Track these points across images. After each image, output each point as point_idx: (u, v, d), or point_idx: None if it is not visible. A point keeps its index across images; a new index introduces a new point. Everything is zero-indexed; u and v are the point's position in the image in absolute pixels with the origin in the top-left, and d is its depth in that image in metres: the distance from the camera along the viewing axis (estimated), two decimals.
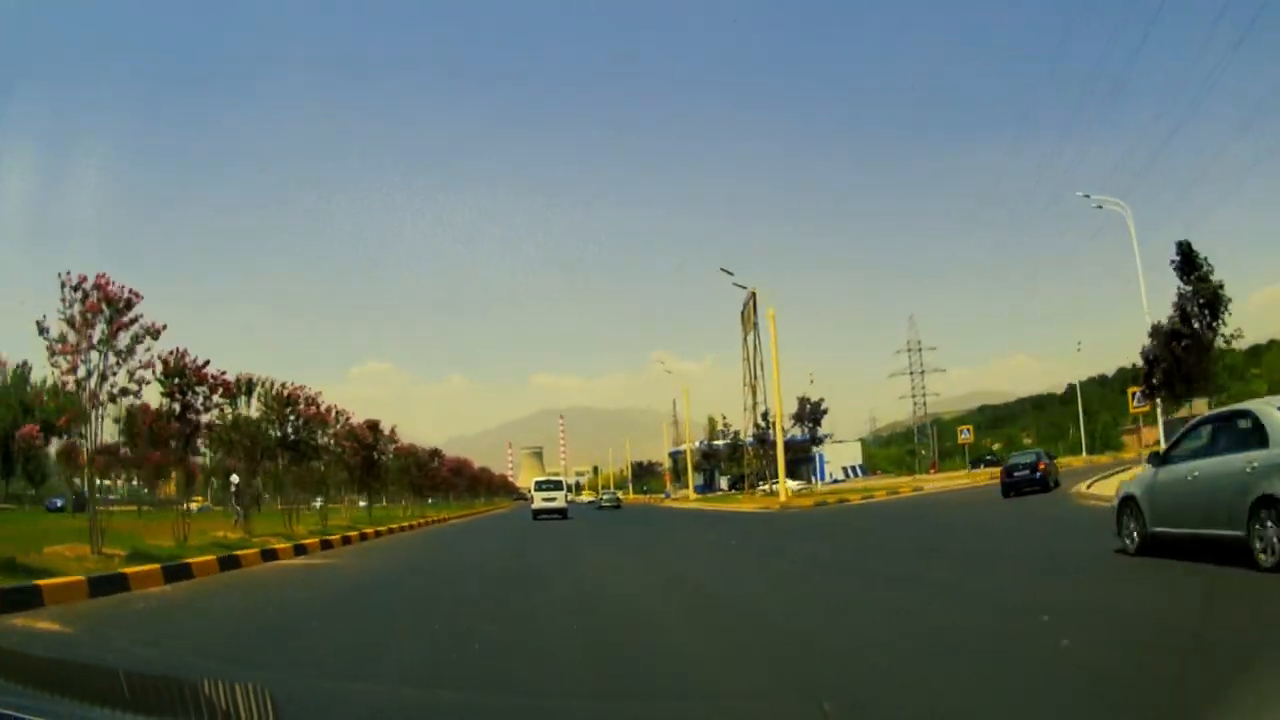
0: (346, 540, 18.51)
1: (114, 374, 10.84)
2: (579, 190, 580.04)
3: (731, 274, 35.56)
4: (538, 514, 33.51)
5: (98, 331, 10.62)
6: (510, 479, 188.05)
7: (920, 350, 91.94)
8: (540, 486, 36.36)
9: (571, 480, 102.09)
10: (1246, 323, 21.88)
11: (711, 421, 73.11)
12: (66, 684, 2.20)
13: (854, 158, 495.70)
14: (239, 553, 12.80)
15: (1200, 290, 19.89)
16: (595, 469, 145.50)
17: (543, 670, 4.80)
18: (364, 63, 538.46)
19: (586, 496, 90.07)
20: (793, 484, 43.72)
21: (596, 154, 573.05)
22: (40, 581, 8.19)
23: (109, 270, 10.73)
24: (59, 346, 10.45)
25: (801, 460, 63.10)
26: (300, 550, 15.18)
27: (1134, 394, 25.45)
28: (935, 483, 45.43)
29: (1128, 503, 8.71)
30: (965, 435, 51.24)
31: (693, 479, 70.40)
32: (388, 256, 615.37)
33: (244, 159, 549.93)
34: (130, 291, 10.81)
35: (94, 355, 10.63)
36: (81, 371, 10.59)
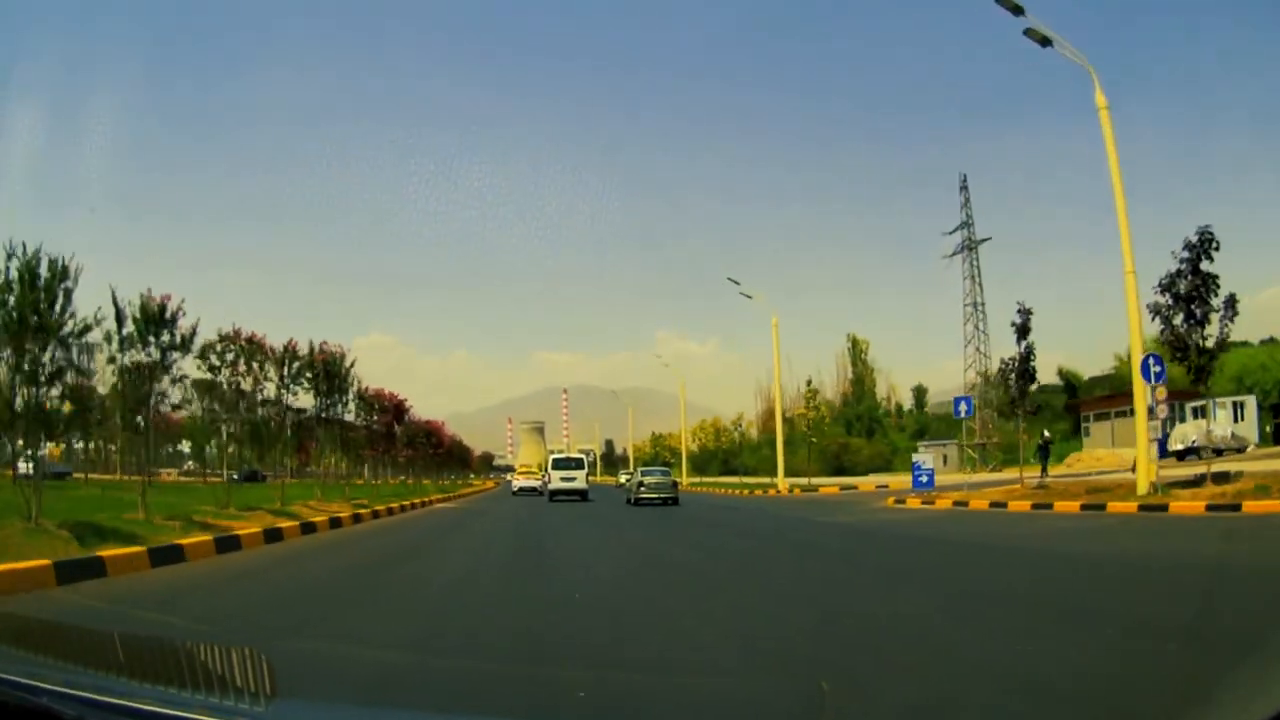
0: None
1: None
2: (594, 168, 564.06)
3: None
4: (554, 495, 30.92)
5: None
6: (504, 456, 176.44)
7: None
8: (558, 465, 32.87)
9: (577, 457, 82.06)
10: None
11: (814, 384, 49.09)
12: (59, 647, 2.24)
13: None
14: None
15: None
16: (609, 442, 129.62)
17: None
18: (378, 25, 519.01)
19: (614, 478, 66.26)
20: None
21: (609, 132, 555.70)
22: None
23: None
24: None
25: None
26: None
27: None
28: None
29: None
30: None
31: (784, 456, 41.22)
32: (395, 227, 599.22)
33: (253, 121, 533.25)
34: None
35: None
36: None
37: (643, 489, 27.07)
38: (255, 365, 16.44)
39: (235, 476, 47.31)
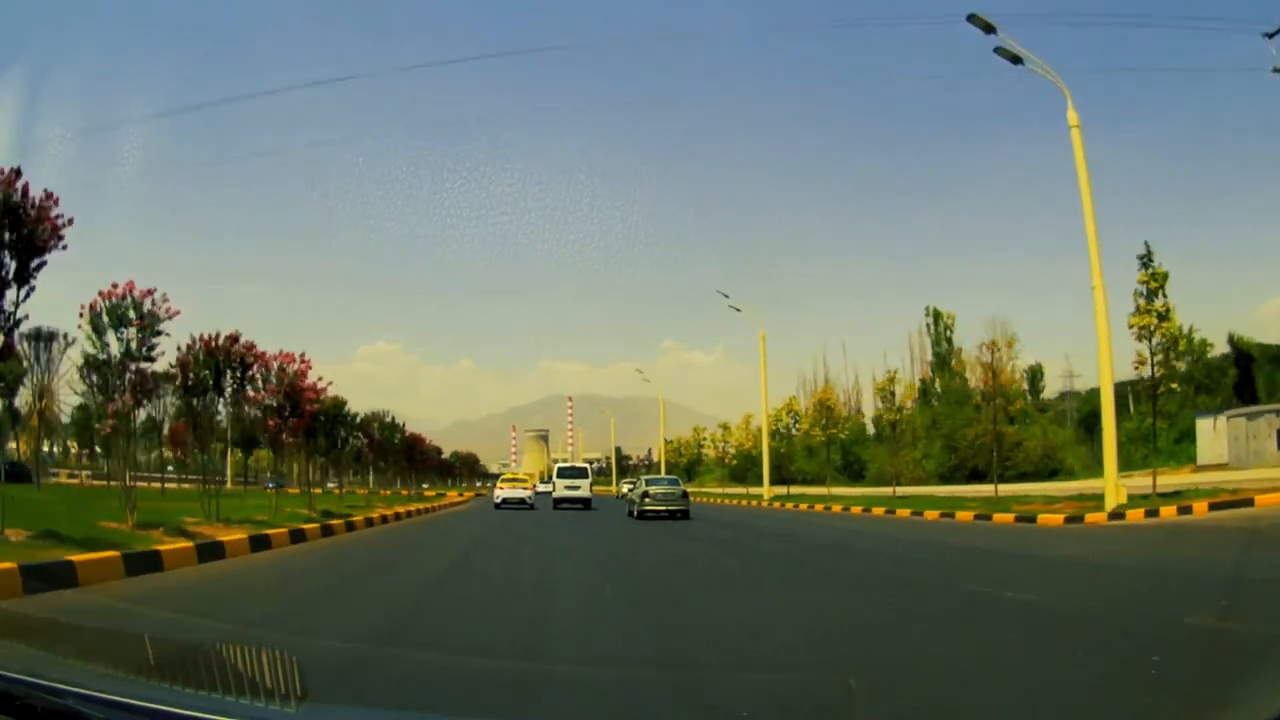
0: None
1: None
2: (595, 175, 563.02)
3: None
4: (559, 503, 32.92)
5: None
6: (508, 464, 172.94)
7: None
8: (563, 473, 35.04)
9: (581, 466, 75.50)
10: None
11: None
12: (91, 650, 2.25)
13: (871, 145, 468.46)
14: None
15: None
16: (618, 449, 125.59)
17: None
18: (383, 32, 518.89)
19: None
20: None
21: (614, 140, 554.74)
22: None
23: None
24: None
25: None
26: None
27: None
28: None
29: None
30: None
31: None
32: (400, 234, 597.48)
33: (254, 125, 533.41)
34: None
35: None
36: None
37: (648, 500, 24.88)
38: None
39: None
